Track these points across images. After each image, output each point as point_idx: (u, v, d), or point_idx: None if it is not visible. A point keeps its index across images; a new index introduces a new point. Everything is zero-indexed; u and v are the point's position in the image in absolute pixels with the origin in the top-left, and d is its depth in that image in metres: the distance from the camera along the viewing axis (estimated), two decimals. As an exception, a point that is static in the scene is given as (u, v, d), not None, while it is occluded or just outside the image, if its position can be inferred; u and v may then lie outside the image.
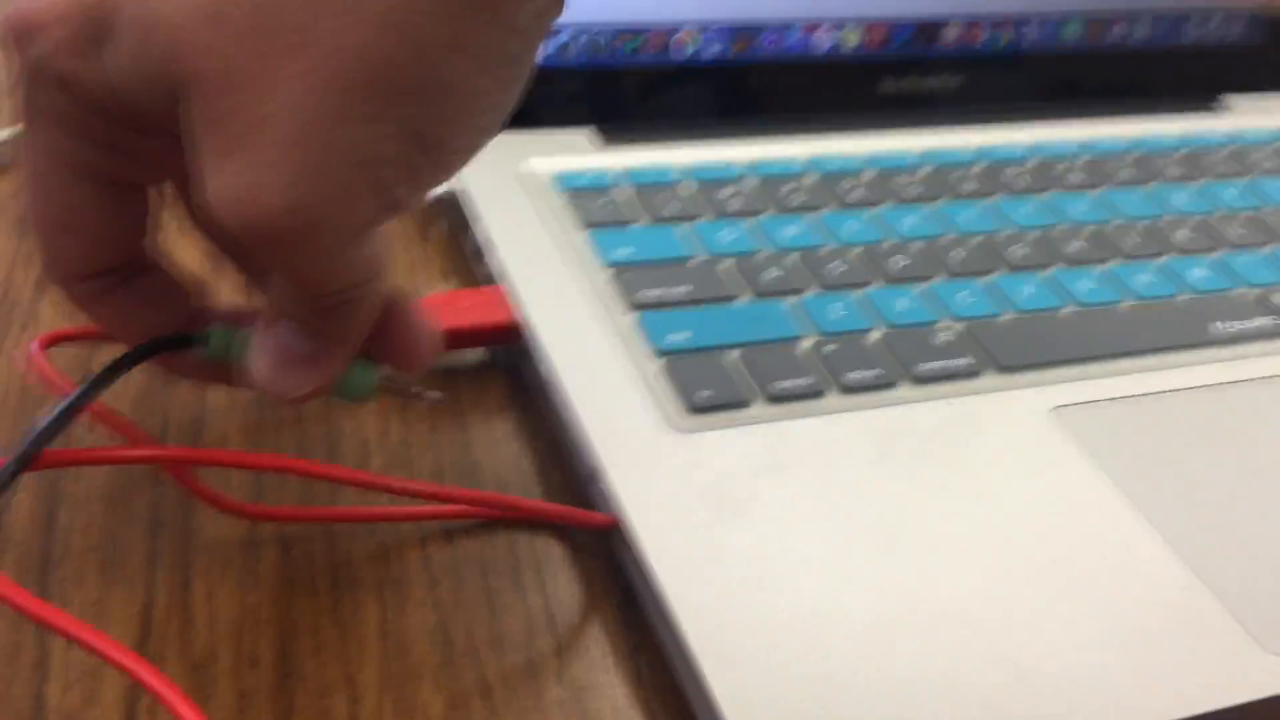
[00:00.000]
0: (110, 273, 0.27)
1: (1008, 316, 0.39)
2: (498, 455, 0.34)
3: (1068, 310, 0.40)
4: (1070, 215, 0.45)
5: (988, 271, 0.41)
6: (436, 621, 0.29)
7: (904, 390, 0.35)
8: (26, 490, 0.30)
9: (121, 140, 0.25)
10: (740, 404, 0.33)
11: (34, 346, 0.30)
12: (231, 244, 0.30)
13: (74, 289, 0.27)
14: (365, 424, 0.34)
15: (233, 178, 0.21)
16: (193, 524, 0.30)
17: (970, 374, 0.36)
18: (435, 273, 0.42)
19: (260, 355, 0.26)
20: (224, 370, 0.28)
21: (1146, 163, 0.50)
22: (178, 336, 0.28)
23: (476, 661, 0.28)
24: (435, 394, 0.31)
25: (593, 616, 0.29)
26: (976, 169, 0.47)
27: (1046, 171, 0.48)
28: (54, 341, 0.31)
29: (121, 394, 0.33)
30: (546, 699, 0.27)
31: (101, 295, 0.27)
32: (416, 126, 0.22)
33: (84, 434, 0.32)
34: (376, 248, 0.25)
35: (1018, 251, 0.42)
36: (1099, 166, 0.49)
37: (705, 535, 0.29)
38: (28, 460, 0.25)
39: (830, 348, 0.36)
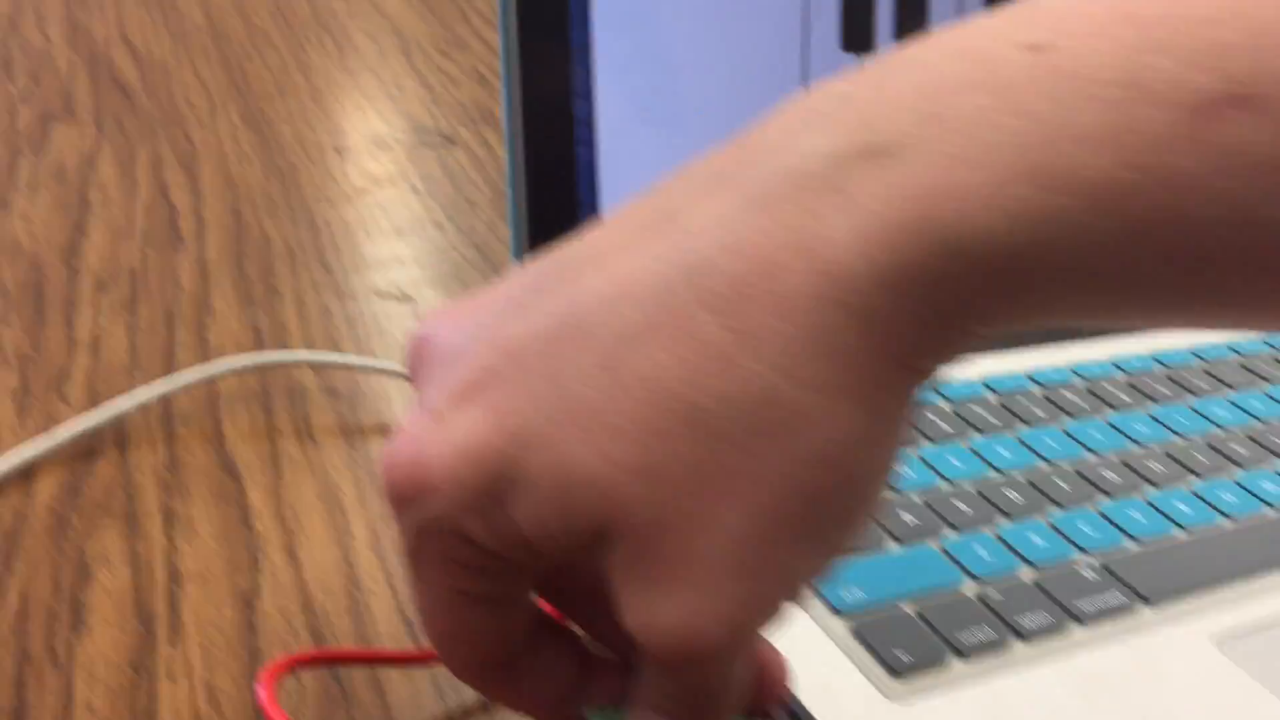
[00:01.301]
0: (500, 665, 0.27)
1: (1133, 547, 0.41)
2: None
3: (1180, 534, 0.42)
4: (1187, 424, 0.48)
5: (1090, 498, 0.43)
6: None
7: (1075, 633, 0.37)
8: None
9: (509, 568, 0.25)
10: (936, 663, 0.34)
11: (259, 690, 0.29)
12: (608, 633, 0.30)
13: (470, 680, 0.27)
14: None
15: (666, 612, 0.22)
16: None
17: (1125, 609, 0.38)
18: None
19: None
20: None
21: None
22: None
23: None
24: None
25: None
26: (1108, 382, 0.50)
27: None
28: (287, 670, 0.30)
29: None
30: None
31: (495, 678, 0.27)
32: (838, 539, 0.23)
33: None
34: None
35: (1152, 468, 0.45)
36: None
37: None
38: None
39: (992, 593, 0.37)
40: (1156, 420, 0.49)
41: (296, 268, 0.61)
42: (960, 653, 0.35)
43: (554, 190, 0.46)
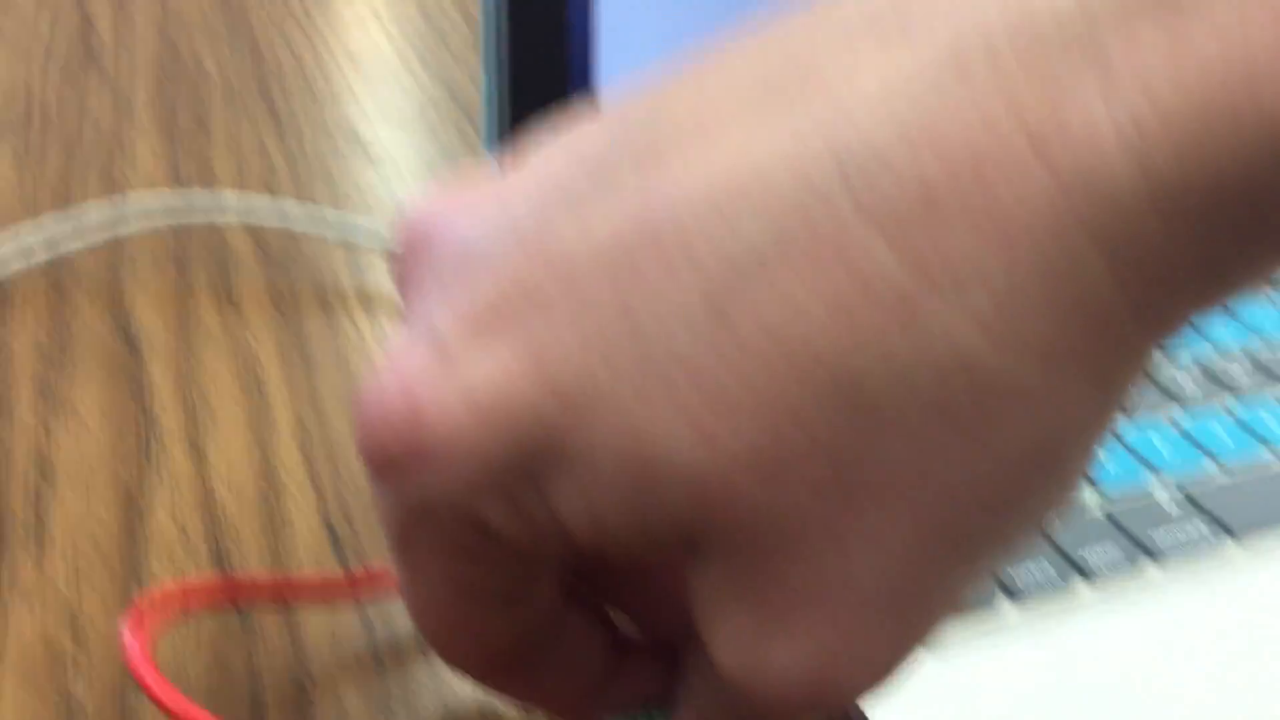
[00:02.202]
0: (513, 662, 0.21)
1: (1218, 473, 0.34)
2: None
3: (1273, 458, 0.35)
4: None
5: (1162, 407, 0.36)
6: None
7: (1149, 572, 0.30)
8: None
9: (538, 565, 0.19)
10: (984, 607, 0.28)
11: (125, 633, 0.22)
12: (644, 612, 0.24)
13: (470, 675, 0.21)
14: None
15: (787, 654, 0.16)
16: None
17: (1207, 544, 0.31)
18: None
19: None
20: None
21: None
22: None
23: None
24: None
25: None
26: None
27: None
28: (164, 608, 0.23)
29: None
30: None
31: (504, 678, 0.21)
32: (1017, 547, 0.17)
33: None
34: None
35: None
36: None
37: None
38: None
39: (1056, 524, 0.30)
40: (1240, 323, 0.42)
41: (234, 105, 0.52)
42: (1012, 594, 0.28)
43: (540, 53, 0.38)
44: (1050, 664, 0.27)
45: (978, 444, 0.15)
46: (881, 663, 0.16)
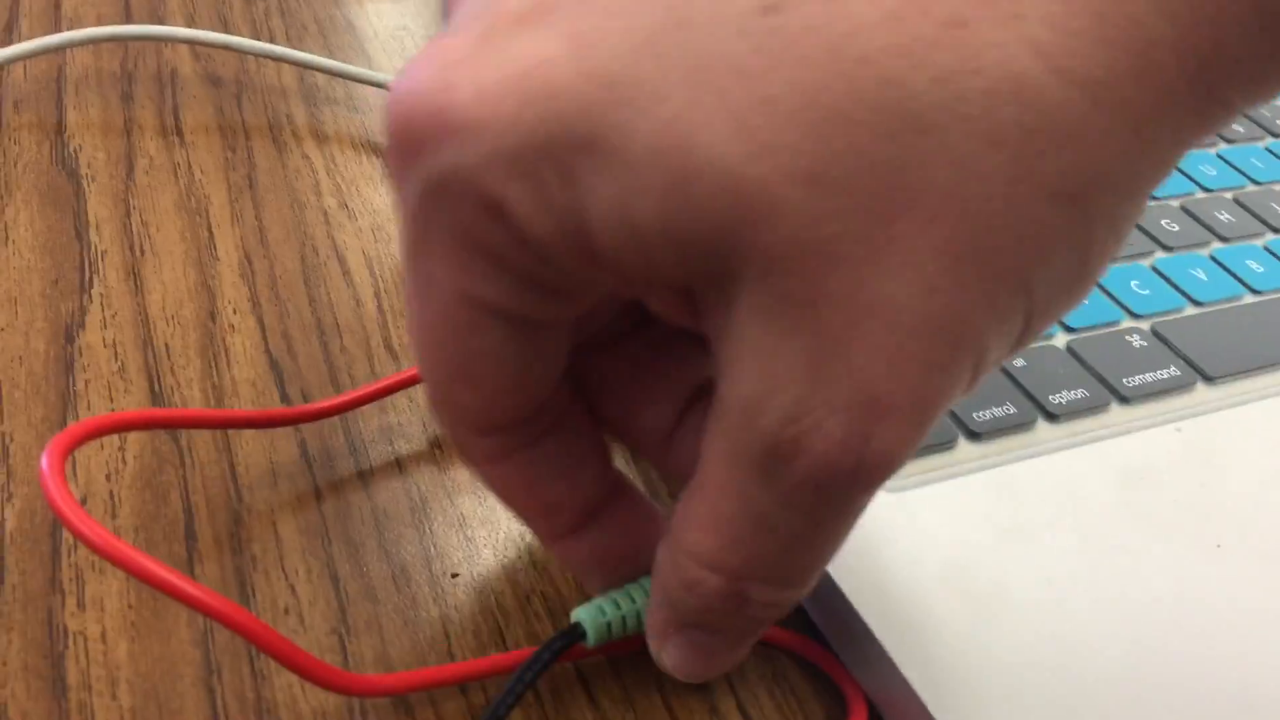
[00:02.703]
0: (512, 429, 0.20)
1: (1190, 311, 0.33)
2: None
3: (1250, 298, 0.34)
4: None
5: (1149, 253, 0.35)
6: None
7: (1116, 413, 0.29)
8: None
9: (553, 278, 0.17)
10: (942, 445, 0.27)
11: (45, 463, 0.21)
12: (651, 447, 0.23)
13: (468, 444, 0.21)
14: (464, 491, 0.27)
15: (835, 387, 0.16)
16: None
17: (1179, 385, 0.30)
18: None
19: (668, 658, 0.22)
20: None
21: None
22: (564, 636, 0.22)
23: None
24: None
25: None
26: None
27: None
28: (77, 444, 0.22)
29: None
30: None
31: (499, 455, 0.21)
32: (1044, 316, 0.17)
33: None
34: None
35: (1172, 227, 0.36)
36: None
37: (957, 638, 0.23)
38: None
39: (1016, 362, 0.29)
40: (1225, 161, 0.40)
41: (188, -69, 0.49)
42: (974, 435, 0.27)
43: None
44: (1008, 502, 0.26)
45: (1019, 172, 0.15)
46: (927, 406, 0.16)
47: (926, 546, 0.24)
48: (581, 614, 0.22)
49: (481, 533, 0.26)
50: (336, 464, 0.27)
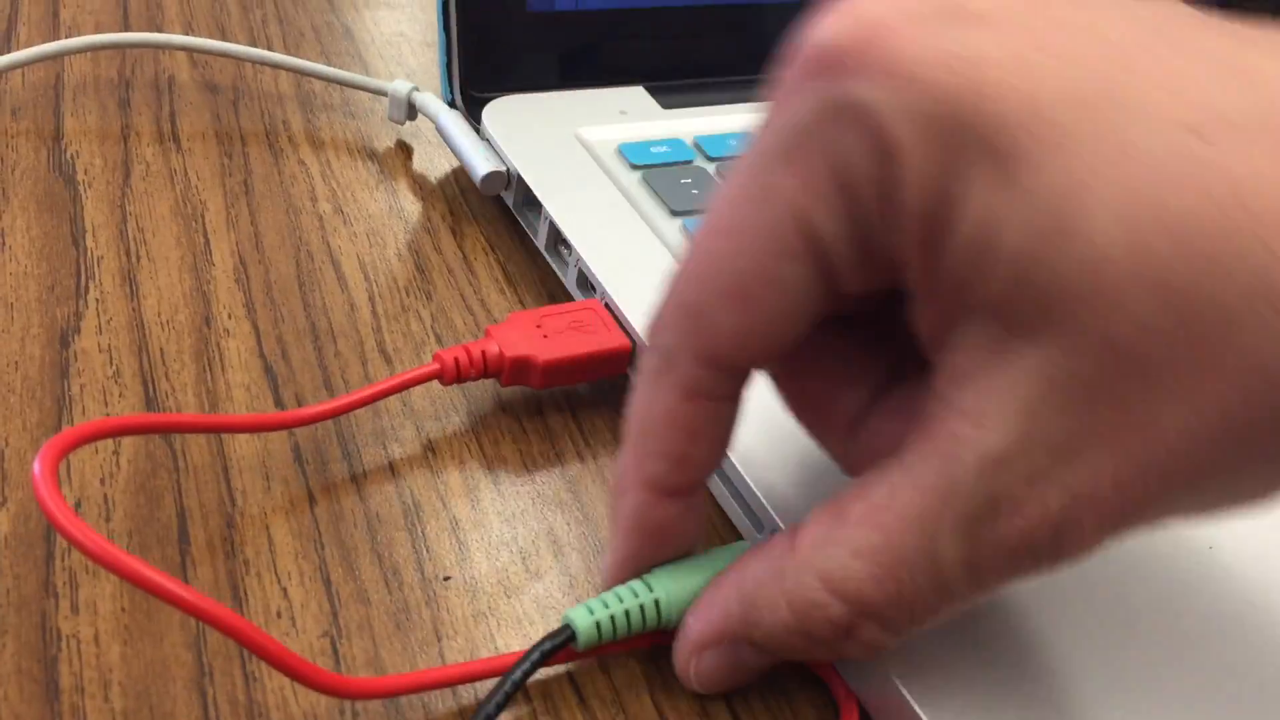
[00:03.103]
0: (735, 372, 0.21)
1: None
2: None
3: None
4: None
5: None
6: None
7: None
8: None
9: (881, 246, 0.18)
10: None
11: (38, 467, 0.21)
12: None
13: (698, 378, 0.20)
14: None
15: (1084, 479, 0.17)
16: None
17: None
18: (504, 273, 0.34)
19: (702, 665, 0.22)
20: None
21: None
22: (553, 636, 0.23)
23: None
24: None
25: None
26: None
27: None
28: (69, 449, 0.22)
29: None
30: None
31: (699, 394, 0.21)
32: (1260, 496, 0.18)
33: None
34: None
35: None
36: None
37: (946, 639, 0.23)
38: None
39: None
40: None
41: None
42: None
43: None
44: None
45: None
46: (1131, 513, 0.17)
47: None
48: (571, 614, 0.23)
49: (474, 536, 0.26)
50: (329, 467, 0.27)
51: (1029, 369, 0.17)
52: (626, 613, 0.22)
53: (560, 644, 0.22)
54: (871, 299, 0.20)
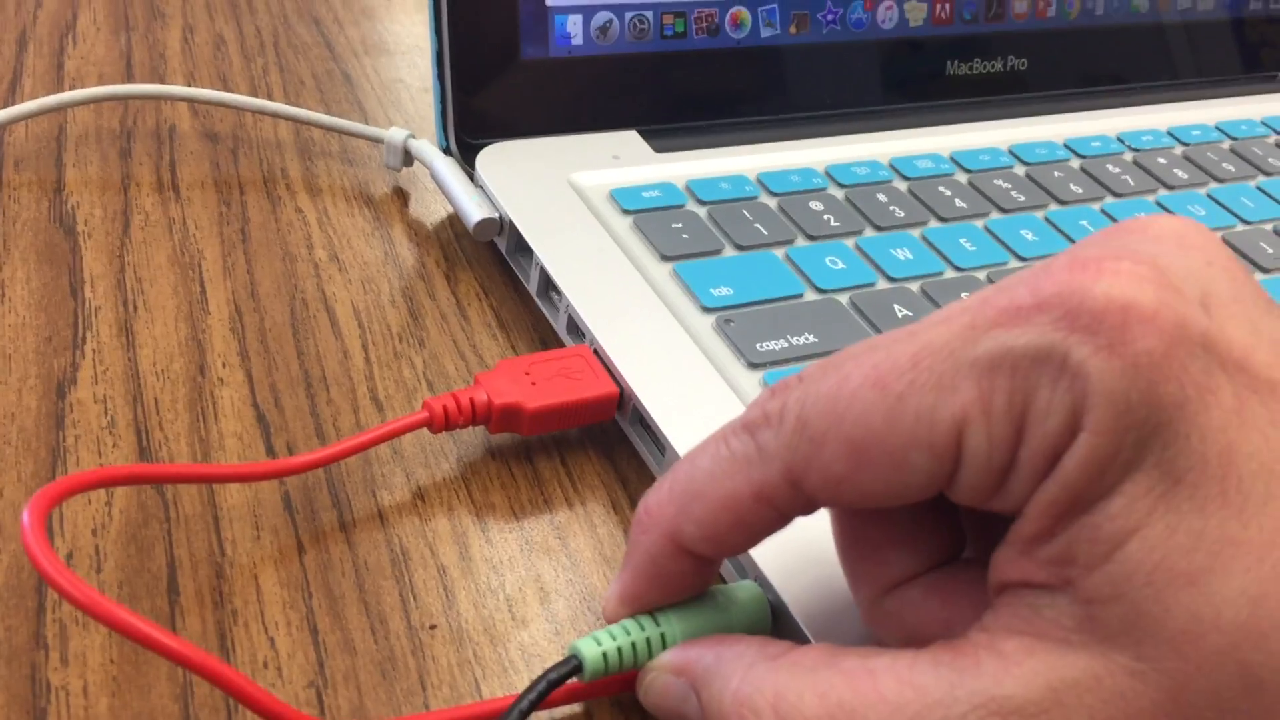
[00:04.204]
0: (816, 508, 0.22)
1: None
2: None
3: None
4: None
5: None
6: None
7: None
8: None
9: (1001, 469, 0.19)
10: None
11: (27, 518, 0.21)
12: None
13: (778, 489, 0.21)
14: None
15: None
16: None
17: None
18: (496, 319, 0.34)
19: (650, 692, 0.23)
20: None
21: (1243, 148, 0.44)
22: (560, 665, 0.23)
23: None
24: None
25: None
26: (1074, 164, 0.41)
27: (1147, 165, 0.42)
28: (59, 500, 0.22)
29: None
30: None
31: (783, 516, 0.22)
32: None
33: None
34: None
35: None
36: (1197, 156, 0.43)
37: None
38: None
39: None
40: (1216, 201, 0.41)
41: (191, -10, 0.50)
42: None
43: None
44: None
45: None
46: None
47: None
48: (579, 644, 0.23)
49: (461, 584, 0.26)
50: (319, 516, 0.28)
51: (1088, 669, 0.18)
52: (633, 645, 0.23)
53: (567, 674, 0.22)
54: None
